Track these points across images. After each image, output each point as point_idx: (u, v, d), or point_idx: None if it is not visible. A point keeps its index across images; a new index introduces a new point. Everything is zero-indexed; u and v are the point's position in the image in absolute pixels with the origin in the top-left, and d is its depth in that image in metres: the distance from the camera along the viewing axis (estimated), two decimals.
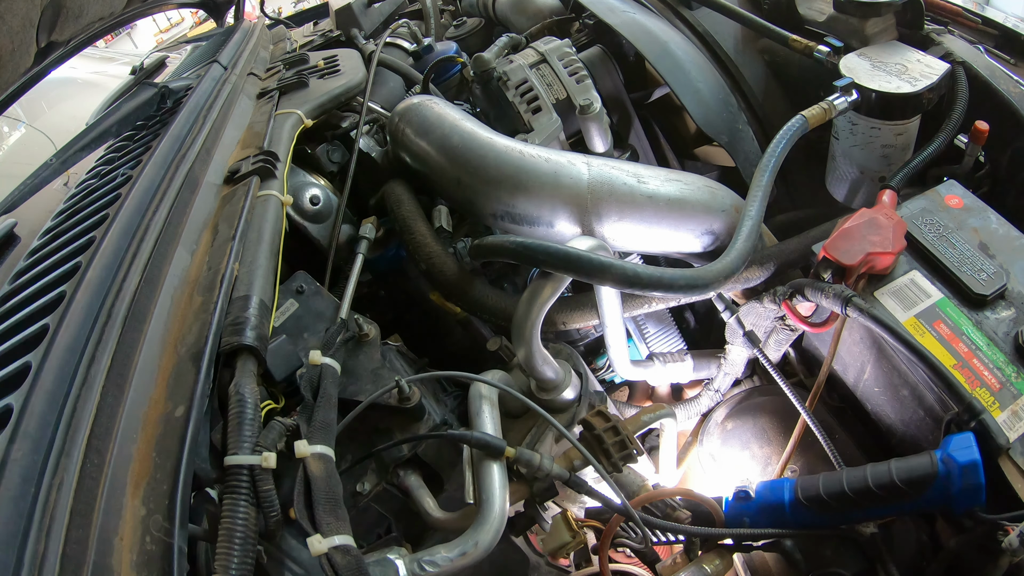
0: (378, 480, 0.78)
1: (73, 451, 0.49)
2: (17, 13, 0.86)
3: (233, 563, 0.47)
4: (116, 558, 0.45)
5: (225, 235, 0.77)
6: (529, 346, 0.78)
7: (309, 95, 1.16)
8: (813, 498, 0.66)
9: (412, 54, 1.54)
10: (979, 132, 0.94)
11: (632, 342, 1.17)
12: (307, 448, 0.59)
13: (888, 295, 0.81)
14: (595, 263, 0.73)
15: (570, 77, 1.21)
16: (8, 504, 0.44)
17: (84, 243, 0.73)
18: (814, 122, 0.95)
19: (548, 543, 0.79)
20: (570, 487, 0.72)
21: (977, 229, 0.84)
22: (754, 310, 1.00)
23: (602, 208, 0.94)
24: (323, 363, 0.71)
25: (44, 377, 0.53)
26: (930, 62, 0.98)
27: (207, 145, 0.96)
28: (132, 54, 3.22)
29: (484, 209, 1.00)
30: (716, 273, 0.81)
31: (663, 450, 1.01)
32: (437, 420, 0.81)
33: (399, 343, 0.95)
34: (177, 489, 0.50)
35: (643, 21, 1.30)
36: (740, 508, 0.71)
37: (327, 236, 1.06)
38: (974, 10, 1.22)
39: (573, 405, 0.89)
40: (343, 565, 0.51)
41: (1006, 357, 0.74)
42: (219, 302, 0.66)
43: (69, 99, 1.95)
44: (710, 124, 1.17)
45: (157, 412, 0.56)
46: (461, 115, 1.06)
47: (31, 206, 1.03)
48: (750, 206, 0.89)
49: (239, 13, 1.83)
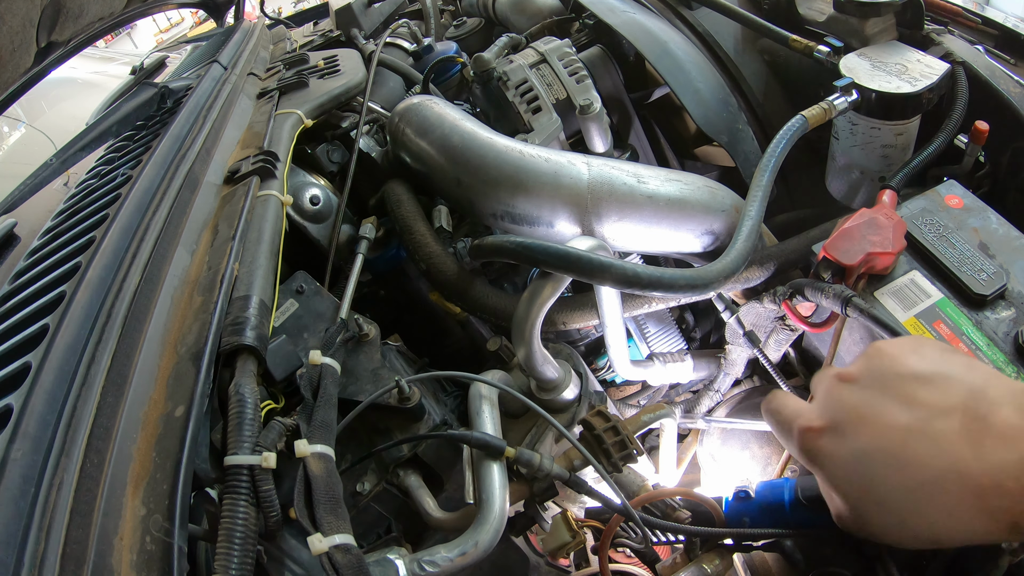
0: (378, 480, 0.78)
1: (73, 451, 0.49)
2: (17, 13, 0.86)
3: (233, 563, 0.47)
4: (116, 558, 0.45)
5: (225, 235, 0.77)
6: (529, 346, 0.78)
7: (309, 95, 1.16)
8: (813, 498, 0.66)
9: (412, 54, 1.54)
10: (979, 132, 0.94)
11: (632, 342, 1.17)
12: (307, 447, 0.59)
13: (888, 295, 0.81)
14: (595, 263, 0.73)
15: (570, 77, 1.21)
16: (8, 504, 0.44)
17: (84, 243, 0.73)
18: (814, 122, 0.95)
19: (548, 543, 0.79)
20: (570, 487, 0.72)
21: (977, 229, 0.84)
22: (754, 310, 1.00)
23: (602, 208, 0.94)
24: (323, 363, 0.71)
25: (44, 377, 0.53)
26: (930, 62, 0.98)
27: (207, 145, 0.96)
28: (132, 54, 3.23)
29: (484, 209, 1.00)
30: (716, 273, 0.81)
31: (663, 450, 1.01)
32: (437, 420, 0.81)
33: (399, 343, 0.95)
34: (177, 489, 0.50)
35: (643, 21, 1.30)
36: (740, 508, 0.71)
37: (327, 236, 1.06)
38: (974, 10, 1.21)
39: (573, 405, 0.89)
40: (344, 564, 0.51)
41: (1006, 357, 0.74)
42: (219, 302, 0.66)
43: (69, 99, 1.95)
44: (710, 124, 1.17)
45: (157, 412, 0.56)
46: (461, 115, 1.06)
47: (31, 206, 1.03)
48: (750, 206, 0.89)
49: (239, 13, 1.83)
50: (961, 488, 0.39)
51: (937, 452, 0.40)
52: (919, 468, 0.41)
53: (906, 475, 0.41)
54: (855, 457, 0.44)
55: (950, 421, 0.41)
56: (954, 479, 0.39)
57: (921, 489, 0.41)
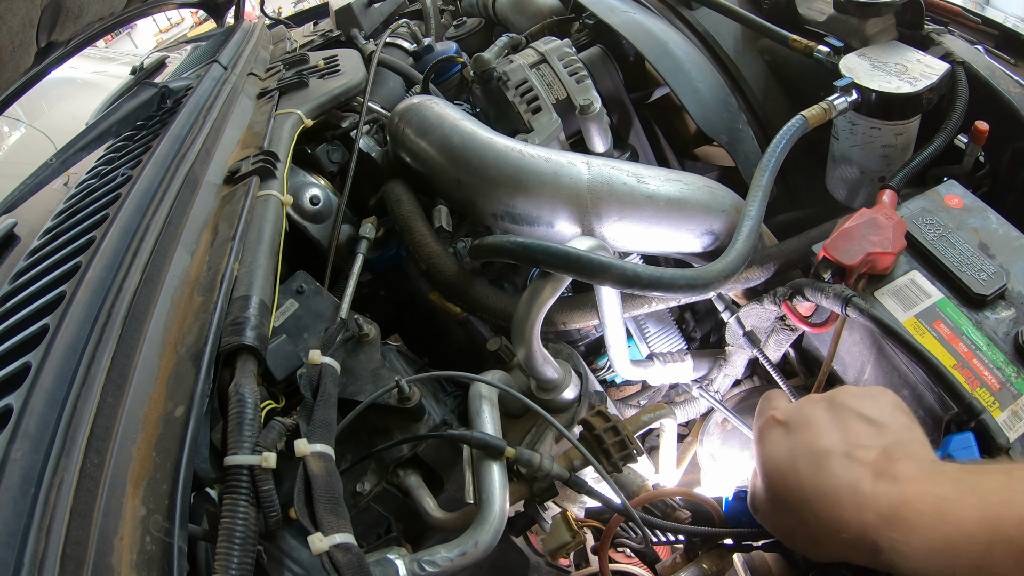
0: (378, 480, 0.78)
1: (73, 451, 0.49)
2: (17, 13, 0.86)
3: (233, 563, 0.47)
4: (116, 558, 0.45)
5: (225, 235, 0.77)
6: (529, 346, 0.78)
7: (309, 95, 1.15)
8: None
9: (412, 54, 1.54)
10: (979, 132, 0.94)
11: (632, 342, 1.17)
12: (307, 447, 0.59)
13: (888, 295, 0.81)
14: (595, 263, 0.73)
15: (570, 77, 1.21)
16: (8, 504, 0.43)
17: (84, 243, 0.73)
18: (814, 122, 0.95)
19: (548, 543, 0.79)
20: (570, 487, 0.72)
21: (977, 229, 0.84)
22: (754, 311, 1.00)
23: (602, 208, 0.94)
24: (323, 363, 0.71)
25: (44, 377, 0.53)
26: (930, 62, 0.98)
27: (207, 145, 0.96)
28: (132, 54, 3.23)
29: (484, 209, 1.00)
30: (716, 273, 0.81)
31: (663, 450, 1.01)
32: (437, 420, 0.81)
33: (399, 343, 0.95)
34: (177, 489, 0.50)
35: (643, 21, 1.30)
36: (740, 508, 0.71)
37: (327, 236, 1.06)
38: (974, 10, 1.22)
39: (573, 405, 0.89)
40: (344, 563, 0.51)
41: (1006, 357, 0.74)
42: (219, 302, 0.66)
43: (69, 99, 1.95)
44: (710, 124, 1.17)
45: (157, 412, 0.56)
46: (461, 115, 1.06)
47: (31, 206, 1.03)
48: (750, 206, 0.89)
49: (239, 13, 1.83)
50: (852, 501, 0.49)
51: (847, 470, 0.51)
52: (829, 475, 0.51)
53: (818, 477, 0.52)
54: (788, 449, 0.55)
55: (869, 453, 0.51)
56: (849, 493, 0.49)
57: (824, 490, 0.51)
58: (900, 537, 0.46)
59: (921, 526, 0.46)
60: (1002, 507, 0.44)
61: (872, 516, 0.47)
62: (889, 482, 0.49)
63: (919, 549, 0.45)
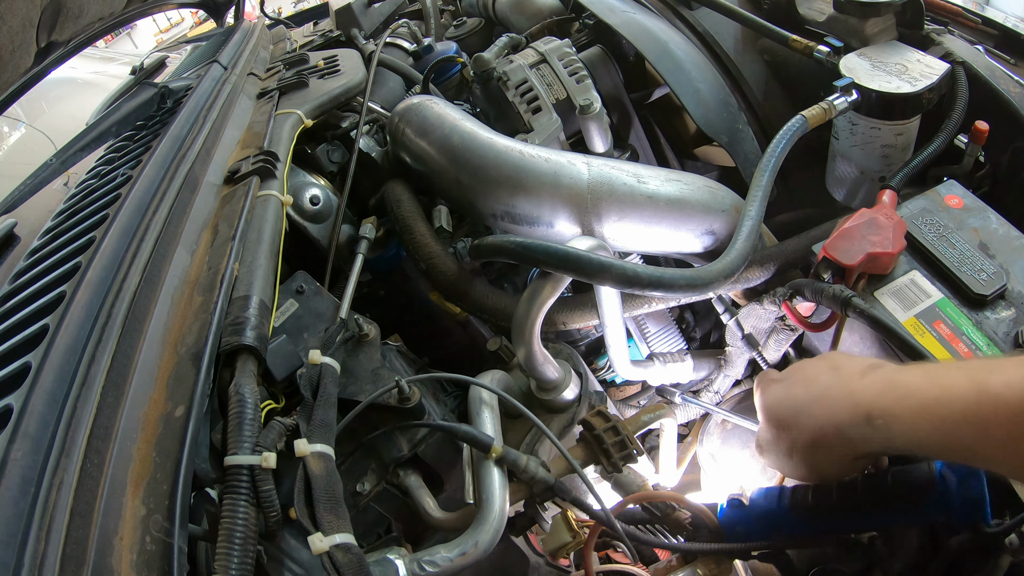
0: (378, 480, 0.78)
1: (73, 451, 0.49)
2: (17, 13, 0.86)
3: (233, 563, 0.47)
4: (116, 558, 0.45)
5: (225, 235, 0.77)
6: (529, 346, 0.78)
7: (309, 95, 1.15)
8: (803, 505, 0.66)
9: (412, 54, 1.54)
10: (979, 132, 0.94)
11: (632, 342, 1.17)
12: (307, 447, 0.59)
13: (888, 295, 0.81)
14: (595, 263, 0.73)
15: (570, 77, 1.21)
16: (8, 504, 0.44)
17: (84, 243, 0.73)
18: (814, 122, 0.95)
19: (548, 543, 0.79)
20: (556, 494, 0.72)
21: (977, 229, 0.84)
22: (754, 311, 1.00)
23: (602, 208, 0.94)
24: (323, 363, 0.71)
25: (44, 377, 0.53)
26: (930, 62, 0.98)
27: (207, 145, 0.96)
28: (132, 54, 3.23)
29: (484, 209, 1.00)
30: (716, 273, 0.81)
31: (663, 450, 1.01)
32: (437, 420, 0.81)
33: (399, 343, 0.95)
34: (177, 489, 0.50)
35: (643, 21, 1.30)
36: (734, 516, 0.71)
37: (327, 236, 1.05)
38: (974, 10, 1.21)
39: (573, 405, 0.89)
40: (344, 563, 0.51)
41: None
42: (219, 302, 0.66)
43: (69, 99, 1.95)
44: (710, 124, 1.17)
45: (157, 412, 0.56)
46: (461, 115, 1.06)
47: (31, 206, 1.03)
48: (750, 206, 0.89)
49: (239, 13, 1.83)
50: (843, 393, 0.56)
51: (835, 377, 0.59)
52: (821, 385, 0.59)
53: (812, 387, 0.60)
54: (784, 387, 0.64)
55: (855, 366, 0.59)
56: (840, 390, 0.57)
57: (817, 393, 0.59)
58: (893, 402, 0.51)
59: (912, 387, 0.51)
60: (986, 372, 0.47)
61: (864, 396, 0.54)
62: (876, 371, 0.56)
63: (911, 407, 0.50)
